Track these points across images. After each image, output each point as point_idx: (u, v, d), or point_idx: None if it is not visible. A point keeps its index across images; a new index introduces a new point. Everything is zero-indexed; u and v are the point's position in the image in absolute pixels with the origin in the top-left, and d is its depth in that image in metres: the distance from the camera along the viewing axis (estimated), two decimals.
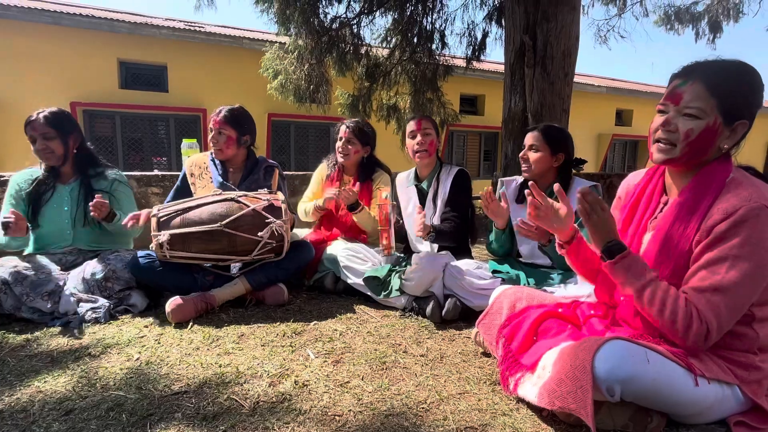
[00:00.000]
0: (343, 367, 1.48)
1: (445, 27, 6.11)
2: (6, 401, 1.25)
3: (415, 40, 6.03)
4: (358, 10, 5.76)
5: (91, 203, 1.95)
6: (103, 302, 1.90)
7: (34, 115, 2.02)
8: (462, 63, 6.51)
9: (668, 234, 1.13)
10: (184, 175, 2.31)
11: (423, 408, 1.25)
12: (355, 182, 2.53)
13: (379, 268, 2.16)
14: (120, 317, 1.91)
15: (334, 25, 5.66)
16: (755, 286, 1.04)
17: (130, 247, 2.33)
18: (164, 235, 1.87)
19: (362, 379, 1.40)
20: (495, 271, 2.02)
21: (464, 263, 2.06)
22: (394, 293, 2.05)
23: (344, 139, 2.47)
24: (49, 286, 1.88)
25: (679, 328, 1.06)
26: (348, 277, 2.23)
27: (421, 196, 2.37)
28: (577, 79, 4.77)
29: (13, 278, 1.82)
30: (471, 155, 11.36)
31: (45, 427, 1.13)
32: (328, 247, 2.36)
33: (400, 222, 2.39)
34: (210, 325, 1.82)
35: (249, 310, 2.02)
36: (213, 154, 2.26)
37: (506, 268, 2.02)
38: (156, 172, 3.49)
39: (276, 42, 6.20)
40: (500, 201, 1.98)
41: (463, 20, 9.09)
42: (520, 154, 2.02)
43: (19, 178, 2.12)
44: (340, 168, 2.56)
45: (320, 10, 5.50)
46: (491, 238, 2.13)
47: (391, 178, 2.58)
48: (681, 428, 1.14)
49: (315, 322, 1.90)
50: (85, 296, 1.91)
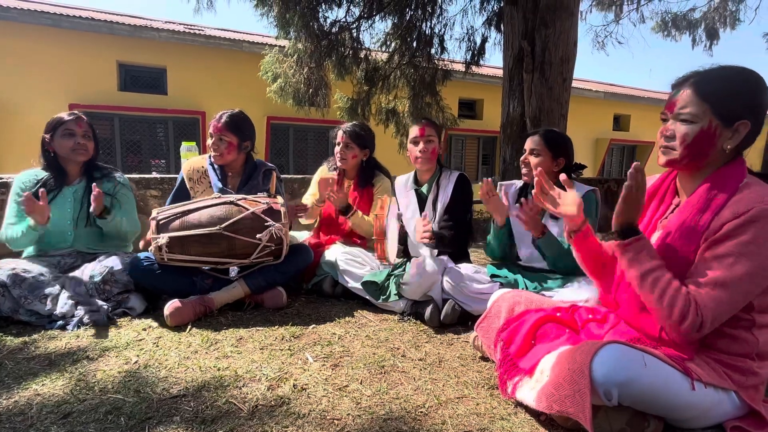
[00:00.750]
0: (341, 371, 1.49)
1: (445, 32, 6.14)
2: (4, 404, 1.25)
3: (415, 45, 6.05)
4: (357, 14, 5.78)
5: (93, 195, 1.97)
6: (101, 305, 1.90)
7: (67, 116, 2.13)
8: (461, 67, 6.53)
9: (677, 232, 1.15)
10: (183, 179, 2.31)
11: (421, 412, 1.25)
12: (356, 186, 2.54)
13: (377, 273, 2.17)
14: (118, 320, 1.91)
15: (334, 29, 5.68)
16: (755, 286, 1.05)
17: (129, 250, 2.32)
18: (163, 238, 1.87)
19: (361, 383, 1.41)
20: (493, 276, 2.03)
21: (463, 267, 2.07)
22: (393, 297, 2.06)
23: (342, 144, 2.48)
24: (47, 289, 1.88)
25: (675, 317, 1.07)
26: (346, 281, 2.23)
27: (420, 201, 2.37)
28: (575, 85, 4.79)
29: (11, 281, 1.82)
30: (469, 159, 11.39)
31: (43, 430, 1.13)
32: (327, 251, 2.36)
33: (404, 229, 2.39)
34: (208, 329, 1.82)
35: (248, 314, 2.02)
36: (212, 158, 2.26)
37: (504, 272, 2.03)
38: (154, 175, 3.49)
39: (275, 45, 6.21)
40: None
41: (462, 25, 9.17)
42: (521, 159, 2.02)
43: (23, 178, 2.12)
44: (341, 172, 2.57)
45: (320, 14, 5.52)
46: (489, 237, 2.13)
47: (391, 181, 2.59)
48: None
49: (313, 325, 1.90)
50: (83, 299, 1.90)
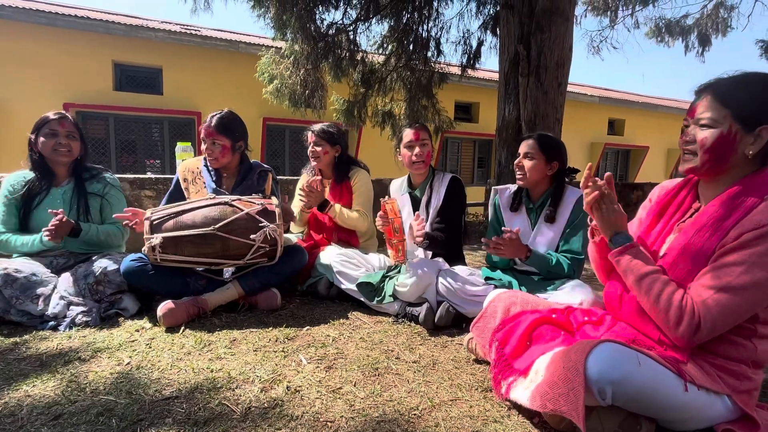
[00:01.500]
0: (335, 373, 1.48)
1: (441, 35, 6.16)
2: None
3: (411, 48, 6.07)
4: (354, 16, 5.79)
5: (49, 227, 1.91)
6: (93, 306, 1.88)
7: (52, 115, 2.09)
8: (457, 71, 6.55)
9: (694, 237, 1.14)
10: (177, 180, 2.30)
11: (415, 414, 1.25)
12: (334, 184, 2.55)
13: (372, 274, 2.17)
14: (111, 321, 1.89)
15: (331, 31, 5.69)
16: (762, 296, 1.04)
17: (122, 251, 2.31)
18: (157, 238, 1.86)
19: (354, 385, 1.40)
20: (488, 278, 2.03)
21: (457, 270, 2.07)
22: (387, 299, 2.05)
23: (312, 144, 2.52)
24: (39, 289, 1.86)
25: (671, 319, 1.08)
26: (341, 283, 2.23)
27: (415, 204, 2.38)
28: (570, 89, 4.83)
29: (3, 281, 1.80)
30: (465, 162, 11.42)
31: None
32: (322, 253, 2.36)
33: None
34: (202, 330, 1.81)
35: (241, 315, 2.01)
36: (208, 162, 2.25)
37: (499, 274, 2.03)
38: (149, 175, 3.47)
39: (272, 47, 6.21)
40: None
41: (458, 29, 9.20)
42: (515, 162, 2.03)
43: (12, 180, 2.10)
44: (319, 173, 2.59)
45: (317, 16, 5.52)
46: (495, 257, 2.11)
47: (369, 174, 2.61)
48: None
49: (308, 327, 1.90)
50: (76, 299, 1.89)
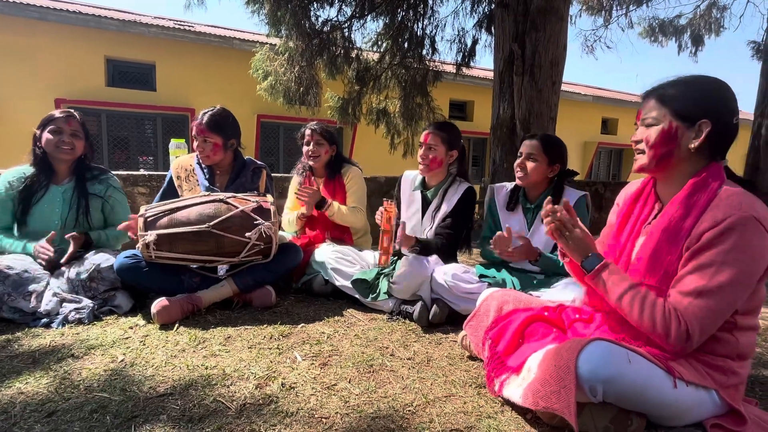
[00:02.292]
0: (330, 370, 1.49)
1: (436, 33, 6.17)
2: None
3: (406, 45, 6.06)
4: (349, 13, 5.78)
5: (42, 255, 1.96)
6: (87, 303, 1.87)
7: (59, 113, 2.10)
8: (452, 69, 6.56)
9: (660, 240, 1.17)
10: (171, 178, 2.29)
11: (409, 411, 1.26)
12: (326, 182, 2.55)
13: (367, 271, 2.17)
14: (104, 318, 1.89)
15: (326, 28, 5.67)
16: (739, 293, 1.07)
17: (116, 248, 2.30)
18: (151, 235, 1.85)
19: (349, 382, 1.41)
20: (482, 276, 2.04)
21: (451, 267, 2.08)
22: (382, 296, 2.06)
23: (313, 142, 2.49)
24: (31, 286, 1.85)
25: (660, 331, 1.10)
26: (336, 280, 2.23)
27: (424, 204, 2.33)
28: (564, 88, 4.85)
29: None
30: None
31: (27, 429, 1.11)
32: (317, 250, 2.36)
33: (399, 222, 2.38)
34: (196, 327, 1.81)
35: (236, 313, 2.01)
36: (201, 162, 2.24)
37: (493, 272, 2.04)
38: (142, 172, 3.45)
39: (266, 43, 6.18)
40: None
41: (453, 27, 9.16)
42: (517, 162, 2.02)
43: (10, 176, 2.08)
44: (310, 172, 2.58)
45: (311, 13, 5.51)
46: (487, 247, 2.12)
47: (362, 172, 2.60)
48: (660, 430, 1.17)
49: (302, 324, 1.90)
50: (69, 296, 1.88)
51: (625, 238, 1.30)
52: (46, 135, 2.06)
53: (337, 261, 2.24)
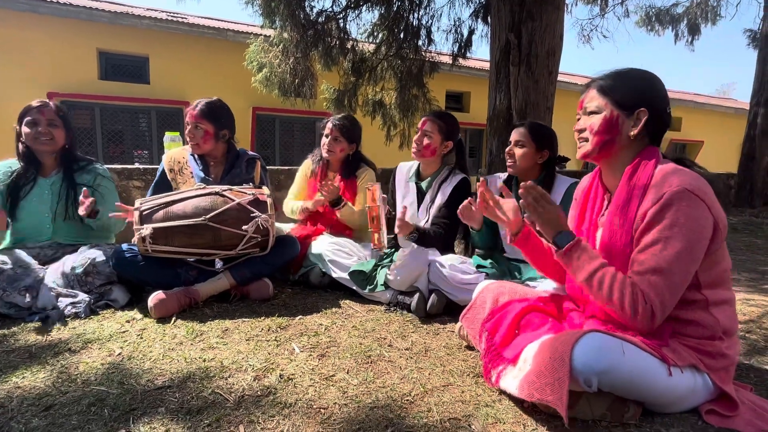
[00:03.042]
0: (328, 361, 1.49)
1: (432, 23, 6.13)
2: None
3: (402, 36, 6.03)
4: (344, 4, 5.73)
5: (81, 200, 1.92)
6: (83, 297, 1.87)
7: (35, 103, 2.06)
8: (448, 60, 6.53)
9: (614, 229, 1.23)
10: (163, 170, 2.27)
11: (407, 400, 1.26)
12: (340, 178, 2.52)
13: (364, 263, 2.17)
14: (101, 312, 1.88)
15: (320, 19, 5.62)
16: (689, 264, 1.11)
17: (111, 242, 2.29)
18: (147, 229, 1.84)
19: (347, 373, 1.41)
20: (479, 266, 2.05)
21: (449, 258, 2.08)
22: (380, 288, 2.06)
23: (331, 137, 2.45)
24: (26, 281, 1.84)
25: (627, 311, 1.13)
26: (333, 272, 2.23)
27: (420, 195, 2.33)
28: (561, 78, 4.83)
29: None
30: None
31: (24, 423, 1.11)
32: (314, 242, 2.36)
33: (392, 213, 2.38)
34: (194, 320, 1.81)
35: (233, 305, 2.01)
36: (191, 150, 2.22)
37: (490, 262, 2.05)
38: (137, 165, 3.43)
39: (261, 35, 6.12)
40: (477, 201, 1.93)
41: (449, 17, 9.15)
42: (506, 150, 2.05)
43: None
44: (325, 164, 2.55)
45: (306, 3, 5.45)
46: (473, 234, 2.14)
47: (376, 173, 2.57)
48: (656, 417, 1.18)
49: (300, 316, 1.90)
50: (65, 291, 1.87)
51: (585, 234, 1.34)
52: (24, 128, 2.03)
53: (334, 253, 2.24)
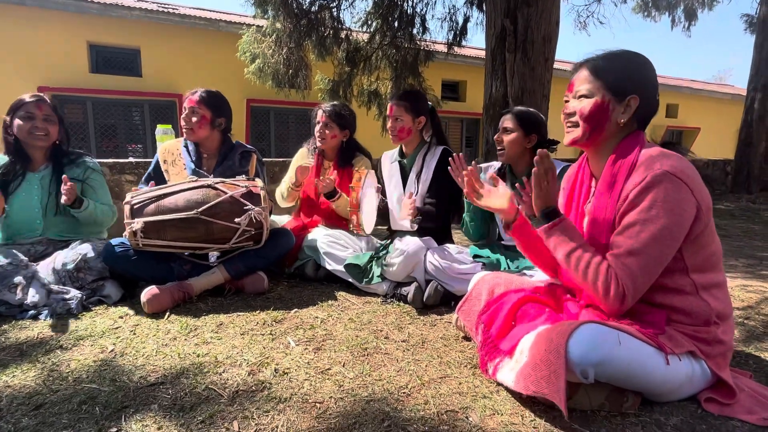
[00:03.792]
0: (324, 354, 1.47)
1: (426, 11, 6.08)
2: None
3: (396, 24, 5.96)
4: None
5: (63, 187, 1.89)
6: (75, 293, 1.84)
7: (29, 97, 2.02)
8: (443, 48, 6.46)
9: (599, 214, 1.22)
10: (157, 162, 2.23)
11: (404, 393, 1.25)
12: (335, 167, 2.49)
13: (359, 255, 2.15)
14: (93, 308, 1.86)
15: (314, 8, 5.55)
16: (665, 248, 1.09)
17: (104, 237, 2.25)
18: (138, 223, 1.81)
19: (343, 366, 1.40)
20: (476, 256, 2.03)
21: (445, 248, 2.07)
22: (376, 280, 2.04)
23: (321, 124, 2.43)
24: (17, 278, 1.81)
25: (600, 291, 1.13)
26: (329, 264, 2.21)
27: (403, 173, 2.34)
28: (557, 65, 4.78)
29: None
30: (453, 141, 11.36)
31: (14, 423, 1.09)
32: (309, 234, 2.33)
33: (384, 201, 2.37)
34: (187, 315, 1.78)
35: (228, 299, 1.99)
36: (185, 135, 2.18)
37: (487, 252, 2.03)
38: (130, 159, 3.39)
39: (253, 25, 6.03)
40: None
41: (444, 4, 9.06)
42: (495, 137, 2.05)
43: None
44: (320, 153, 2.52)
45: None
46: (466, 218, 2.12)
47: (372, 163, 2.55)
48: (655, 406, 1.17)
49: (296, 309, 1.88)
50: (56, 287, 1.84)
51: (573, 222, 1.31)
52: (17, 121, 1.99)
53: (329, 245, 2.21)
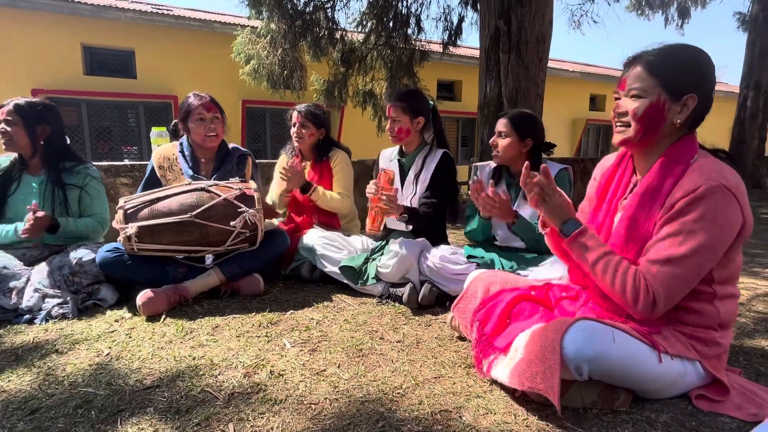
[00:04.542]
0: (319, 356, 1.48)
1: (421, 11, 6.07)
2: None
3: (391, 25, 5.96)
4: None
5: (25, 226, 1.86)
6: (70, 297, 1.84)
7: (5, 101, 2.00)
8: (438, 48, 6.47)
9: (636, 214, 1.18)
10: (152, 168, 2.23)
11: (399, 393, 1.26)
12: (313, 164, 2.52)
13: (354, 257, 2.16)
14: (89, 312, 1.86)
15: (308, 9, 5.55)
16: (705, 261, 1.08)
17: (99, 241, 2.25)
18: (132, 228, 1.81)
19: (338, 367, 1.41)
20: (470, 256, 2.04)
21: (440, 249, 2.08)
22: (371, 281, 2.05)
23: (297, 124, 2.46)
24: (12, 282, 1.81)
25: (628, 298, 1.11)
26: (324, 266, 2.22)
27: (402, 172, 2.33)
28: (551, 65, 4.81)
29: None
30: (449, 141, 11.31)
31: (9, 428, 1.10)
32: (304, 236, 2.34)
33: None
34: (183, 318, 1.79)
35: (224, 302, 1.99)
36: (211, 143, 2.17)
37: (481, 252, 2.04)
38: (125, 162, 3.38)
39: (248, 26, 6.02)
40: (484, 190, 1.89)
41: (439, 4, 9.09)
42: (490, 141, 2.05)
43: None
44: (298, 154, 2.54)
45: None
46: (473, 225, 2.11)
47: (349, 156, 2.56)
48: (646, 403, 1.19)
49: (291, 311, 1.89)
50: (51, 291, 1.84)
51: (603, 216, 1.30)
52: None
53: (324, 247, 2.22)
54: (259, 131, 9.21)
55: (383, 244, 2.22)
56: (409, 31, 6.06)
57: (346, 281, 2.16)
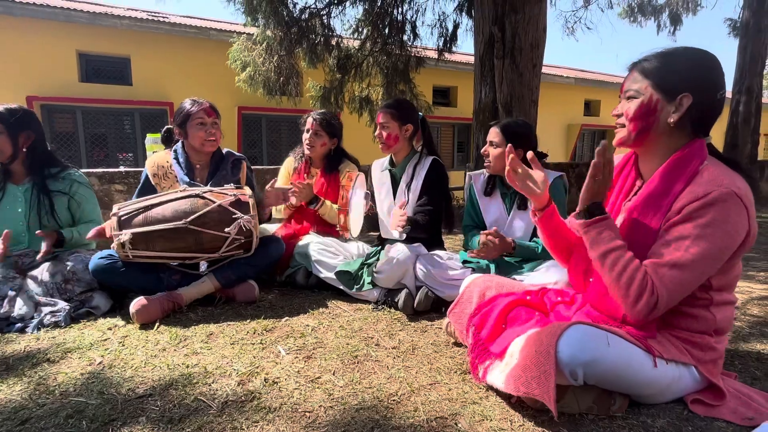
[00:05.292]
0: (314, 363, 1.47)
1: (416, 18, 6.11)
2: None
3: (387, 31, 5.99)
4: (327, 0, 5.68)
5: (40, 255, 1.88)
6: (63, 305, 1.82)
7: None
8: (434, 54, 6.51)
9: (639, 217, 1.17)
10: (147, 176, 2.22)
11: (394, 400, 1.25)
12: (322, 174, 2.50)
13: (350, 263, 2.15)
14: (82, 320, 1.84)
15: (304, 16, 5.57)
16: (709, 267, 1.08)
17: (92, 248, 2.23)
18: (126, 235, 1.80)
19: (333, 374, 1.40)
20: (465, 261, 2.04)
21: (435, 254, 2.07)
22: (367, 286, 2.05)
23: (311, 131, 2.44)
24: (3, 290, 1.80)
25: (631, 296, 1.09)
26: (320, 272, 2.21)
27: (394, 182, 2.33)
28: (545, 71, 4.85)
29: None
30: (445, 147, 11.43)
31: None
32: (300, 242, 2.33)
33: (374, 209, 2.37)
34: (177, 325, 1.77)
35: (218, 309, 1.98)
36: (204, 145, 2.14)
37: (476, 258, 2.04)
38: (120, 169, 3.37)
39: (243, 33, 6.04)
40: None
41: (434, 11, 9.11)
42: (482, 150, 2.04)
43: None
44: (308, 160, 2.53)
45: (289, 0, 5.39)
46: (475, 244, 2.10)
47: (360, 169, 2.56)
48: (642, 408, 1.18)
49: (286, 318, 1.88)
50: (44, 299, 1.82)
51: None
52: None
53: (320, 253, 2.21)
54: (255, 137, 9.21)
55: (379, 249, 2.22)
56: (405, 38, 6.09)
57: (341, 287, 2.15)
